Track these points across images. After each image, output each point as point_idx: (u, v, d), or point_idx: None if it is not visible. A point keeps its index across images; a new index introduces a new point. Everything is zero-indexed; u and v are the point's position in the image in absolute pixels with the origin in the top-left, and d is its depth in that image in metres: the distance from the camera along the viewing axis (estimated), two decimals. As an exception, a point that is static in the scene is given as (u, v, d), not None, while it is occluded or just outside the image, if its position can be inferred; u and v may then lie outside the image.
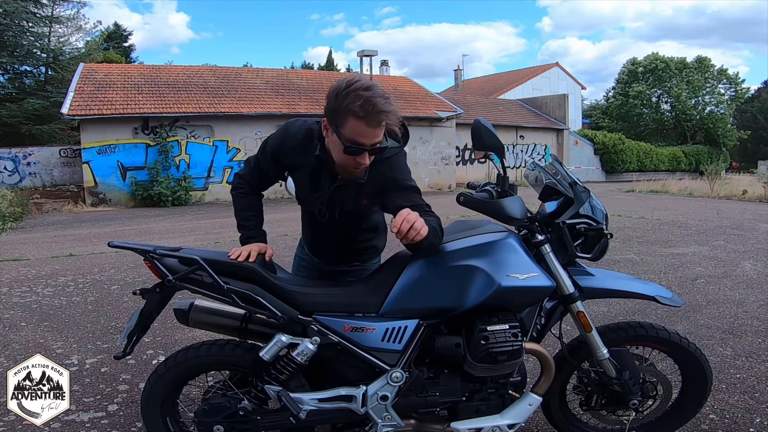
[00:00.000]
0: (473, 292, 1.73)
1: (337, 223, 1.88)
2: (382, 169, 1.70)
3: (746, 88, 37.78)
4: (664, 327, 2.04)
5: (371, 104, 1.51)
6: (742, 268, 5.67)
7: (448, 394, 1.83)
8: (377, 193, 1.74)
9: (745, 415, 2.48)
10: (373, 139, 1.57)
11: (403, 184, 1.72)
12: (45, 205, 13.83)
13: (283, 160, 1.82)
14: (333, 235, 1.97)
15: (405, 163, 1.78)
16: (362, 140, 1.56)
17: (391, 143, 1.71)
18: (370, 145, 1.58)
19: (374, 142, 1.57)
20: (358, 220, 1.83)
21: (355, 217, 1.82)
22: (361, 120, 1.52)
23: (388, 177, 1.71)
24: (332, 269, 2.08)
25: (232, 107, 16.14)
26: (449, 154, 20.32)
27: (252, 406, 1.81)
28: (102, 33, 25.21)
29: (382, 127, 1.56)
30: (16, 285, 5.11)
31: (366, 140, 1.56)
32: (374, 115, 1.52)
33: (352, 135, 1.56)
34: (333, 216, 1.85)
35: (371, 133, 1.55)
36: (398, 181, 1.71)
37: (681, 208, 12.13)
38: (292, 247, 6.87)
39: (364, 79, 1.60)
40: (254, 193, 1.98)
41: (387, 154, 1.69)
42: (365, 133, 1.55)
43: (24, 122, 18.33)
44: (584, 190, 1.89)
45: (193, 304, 1.90)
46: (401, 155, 1.77)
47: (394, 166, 1.72)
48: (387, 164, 1.70)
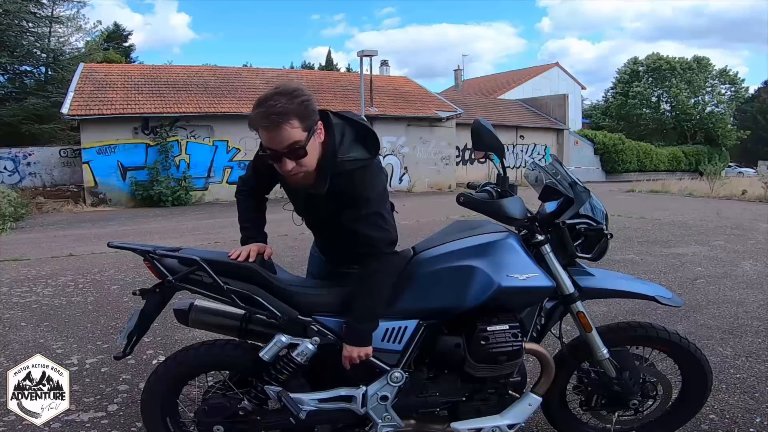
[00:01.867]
0: (473, 292, 1.73)
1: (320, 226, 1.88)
2: (341, 182, 1.62)
3: (746, 88, 37.85)
4: (664, 327, 2.04)
5: (258, 106, 1.51)
6: (742, 268, 5.67)
7: (448, 394, 1.83)
8: (342, 205, 1.67)
9: (745, 415, 2.48)
10: (282, 143, 1.51)
11: (359, 203, 1.62)
12: (45, 205, 13.83)
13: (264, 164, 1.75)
14: (326, 235, 1.97)
15: (370, 177, 1.65)
16: (273, 146, 1.53)
17: (359, 154, 1.64)
18: (282, 149, 1.52)
19: (285, 145, 1.51)
20: (334, 225, 1.73)
21: (330, 221, 1.74)
22: (262, 129, 1.51)
23: (345, 191, 1.63)
24: (335, 270, 2.06)
25: (232, 107, 16.13)
26: (449, 154, 20.32)
27: (252, 407, 1.80)
28: (102, 33, 25.21)
29: (281, 128, 1.49)
30: (16, 285, 5.11)
31: (275, 146, 1.52)
32: (264, 118, 1.49)
33: (264, 144, 1.56)
34: (310, 218, 1.87)
35: (274, 137, 1.51)
36: (354, 198, 1.62)
37: (681, 208, 12.12)
38: (292, 247, 6.80)
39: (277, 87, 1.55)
40: (255, 195, 1.97)
41: (349, 166, 1.61)
42: (270, 139, 1.52)
43: (24, 122, 18.33)
44: (584, 190, 1.89)
45: (192, 304, 1.90)
46: (367, 169, 1.65)
47: (354, 181, 1.63)
48: (347, 177, 1.62)
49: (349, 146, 1.64)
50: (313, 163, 1.59)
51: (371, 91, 18.51)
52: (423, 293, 1.76)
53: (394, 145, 18.94)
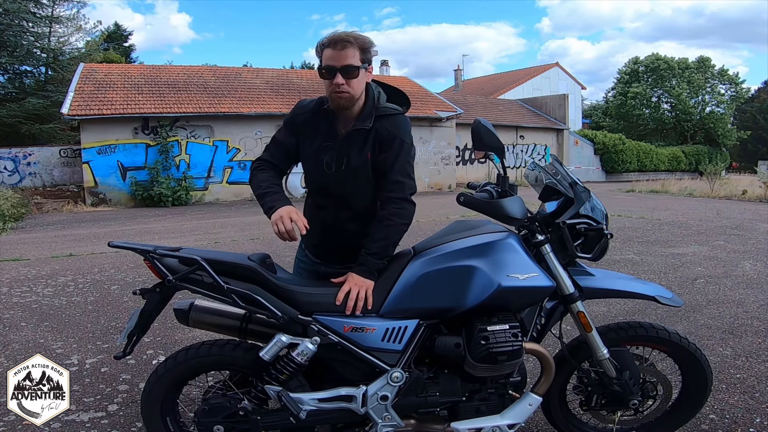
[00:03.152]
0: (473, 292, 1.73)
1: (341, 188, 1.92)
2: (384, 122, 1.88)
3: (746, 88, 37.80)
4: (664, 327, 2.04)
5: (332, 35, 1.82)
6: (742, 268, 5.67)
7: (448, 394, 1.83)
8: (379, 148, 1.88)
9: (745, 415, 2.48)
10: (341, 61, 1.78)
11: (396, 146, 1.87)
12: (45, 205, 13.83)
13: (297, 121, 1.97)
14: (333, 219, 1.97)
15: (406, 124, 1.94)
16: (332, 63, 1.79)
17: (392, 107, 1.92)
18: (340, 66, 1.78)
19: (343, 64, 1.78)
20: (359, 182, 1.91)
21: (357, 175, 1.90)
22: (327, 47, 1.80)
23: (386, 131, 1.87)
24: (330, 271, 2.06)
25: (232, 107, 16.13)
26: (449, 154, 20.33)
27: (252, 406, 1.81)
28: (102, 33, 25.24)
29: (346, 50, 1.78)
30: (16, 285, 5.11)
31: (335, 62, 1.79)
32: (335, 41, 1.79)
33: (325, 62, 1.82)
34: (339, 168, 1.90)
35: (337, 55, 1.78)
36: (393, 140, 1.87)
37: (681, 208, 12.13)
38: (291, 247, 6.82)
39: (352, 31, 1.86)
40: (272, 169, 2.02)
41: (388, 111, 1.90)
42: (333, 57, 1.79)
43: (24, 122, 18.32)
44: (584, 190, 1.89)
45: (193, 304, 1.91)
46: (403, 117, 1.94)
47: (395, 122, 1.90)
48: (389, 119, 1.89)
49: (384, 101, 1.94)
50: (358, 91, 1.84)
51: (371, 91, 18.50)
52: (423, 293, 1.76)
53: (394, 145, 18.90)
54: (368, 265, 1.81)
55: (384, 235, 1.84)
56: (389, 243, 1.85)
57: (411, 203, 1.90)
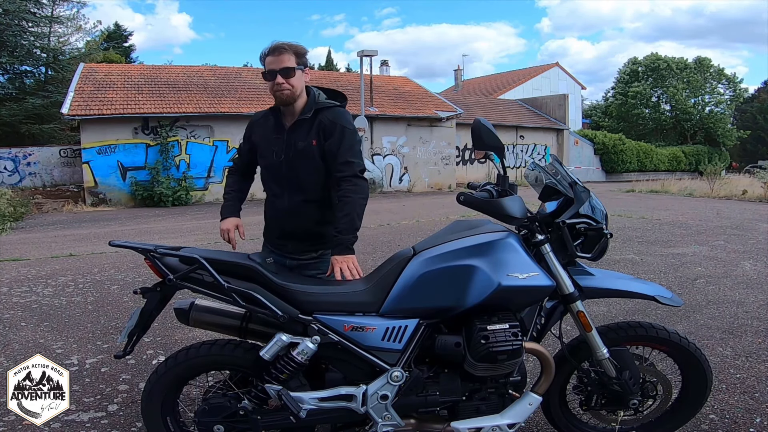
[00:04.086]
0: (473, 291, 1.73)
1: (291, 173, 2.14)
2: (325, 113, 2.15)
3: (745, 88, 37.82)
4: (664, 327, 2.04)
5: (271, 44, 2.12)
6: (742, 268, 5.68)
7: (448, 393, 1.83)
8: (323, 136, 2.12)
9: (745, 415, 2.48)
10: (279, 65, 2.07)
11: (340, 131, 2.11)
12: (45, 205, 13.83)
13: (251, 127, 2.31)
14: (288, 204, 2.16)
15: (346, 114, 2.20)
16: (272, 67, 2.08)
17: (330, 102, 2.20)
18: (279, 68, 2.07)
19: (281, 67, 2.07)
20: (308, 166, 2.13)
21: (305, 157, 2.12)
22: (268, 55, 2.10)
23: (329, 121, 2.13)
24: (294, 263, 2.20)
25: (232, 107, 16.13)
26: (449, 154, 20.32)
27: (252, 406, 1.81)
28: (102, 33, 25.23)
29: (283, 55, 2.07)
30: (16, 285, 5.11)
31: (274, 66, 2.08)
32: (273, 49, 2.10)
33: (267, 67, 2.11)
34: (288, 155, 2.13)
35: (276, 60, 2.08)
36: (335, 126, 2.12)
37: (681, 208, 12.12)
38: (292, 247, 6.72)
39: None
40: (239, 174, 2.40)
41: (327, 104, 2.17)
42: (272, 62, 2.09)
43: (24, 122, 18.32)
44: (584, 190, 1.89)
45: (193, 303, 1.91)
46: (341, 109, 2.22)
47: (335, 113, 2.16)
48: (329, 111, 2.16)
49: (323, 99, 2.21)
50: (297, 88, 2.11)
51: (371, 91, 18.52)
52: (423, 292, 1.76)
53: (394, 145, 18.93)
54: (342, 243, 1.99)
55: (346, 211, 2.02)
56: (353, 216, 2.02)
57: (363, 179, 2.10)
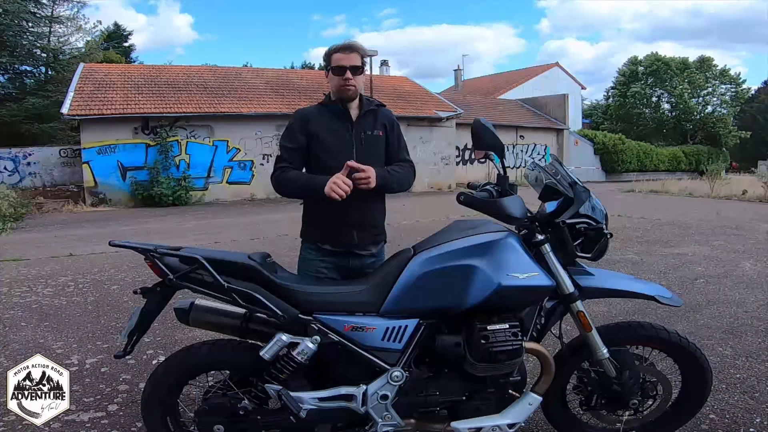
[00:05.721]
0: (473, 291, 1.73)
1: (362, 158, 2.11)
2: (382, 109, 2.30)
3: (747, 88, 37.78)
4: (664, 327, 2.04)
5: (343, 42, 2.19)
6: (742, 268, 5.67)
7: (448, 393, 1.83)
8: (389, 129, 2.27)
9: (745, 415, 2.48)
10: (350, 62, 2.13)
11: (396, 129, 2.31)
12: (45, 205, 13.81)
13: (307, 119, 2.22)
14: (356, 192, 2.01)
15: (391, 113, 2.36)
16: (343, 63, 2.14)
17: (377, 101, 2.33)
18: (349, 65, 2.13)
19: (351, 64, 2.13)
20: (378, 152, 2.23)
21: (376, 145, 2.22)
22: (338, 51, 2.16)
23: (387, 115, 2.29)
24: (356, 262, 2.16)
25: (232, 107, 16.12)
26: (449, 154, 20.31)
27: (252, 406, 1.81)
28: (102, 33, 25.17)
29: (353, 53, 2.15)
30: (16, 285, 5.11)
31: (345, 62, 2.14)
32: (346, 46, 2.17)
33: (336, 63, 2.16)
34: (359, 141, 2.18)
35: (347, 57, 2.14)
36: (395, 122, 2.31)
37: (681, 208, 12.12)
38: (292, 246, 6.79)
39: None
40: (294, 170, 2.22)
41: (377, 103, 2.29)
42: (343, 58, 2.15)
43: (24, 122, 18.31)
44: (584, 189, 1.89)
45: (193, 303, 1.90)
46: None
47: (388, 111, 2.32)
48: (382, 108, 2.31)
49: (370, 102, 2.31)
50: (360, 86, 2.21)
51: (371, 91, 18.45)
52: (423, 292, 1.76)
53: (394, 144, 18.89)
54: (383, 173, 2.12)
55: (395, 169, 2.20)
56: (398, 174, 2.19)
57: (414, 174, 2.33)
